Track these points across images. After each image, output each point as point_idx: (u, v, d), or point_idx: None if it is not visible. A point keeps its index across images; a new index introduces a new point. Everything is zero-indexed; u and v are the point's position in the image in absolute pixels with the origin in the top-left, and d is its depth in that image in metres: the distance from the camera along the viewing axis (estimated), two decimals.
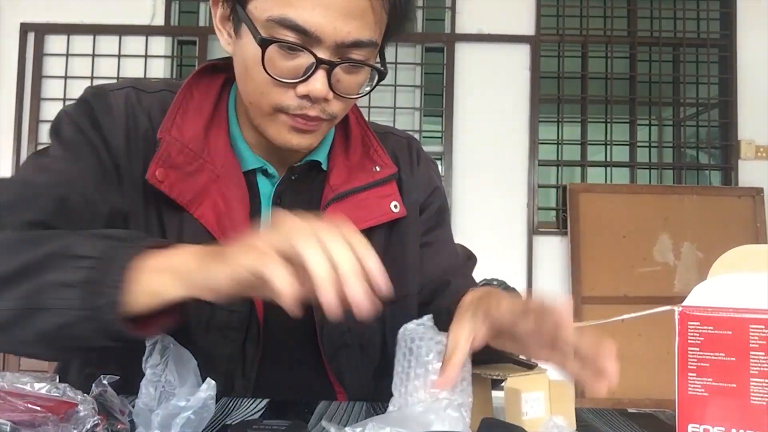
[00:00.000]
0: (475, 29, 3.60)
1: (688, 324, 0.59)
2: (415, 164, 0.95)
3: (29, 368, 2.63)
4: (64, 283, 0.57)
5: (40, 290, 0.57)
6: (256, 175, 0.83)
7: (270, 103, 0.73)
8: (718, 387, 0.58)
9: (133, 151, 0.77)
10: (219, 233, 0.77)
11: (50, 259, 0.58)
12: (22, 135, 3.57)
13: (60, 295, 0.56)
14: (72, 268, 0.57)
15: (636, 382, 3.24)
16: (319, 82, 0.70)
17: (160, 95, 0.82)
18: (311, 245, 0.52)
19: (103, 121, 0.77)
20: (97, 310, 0.56)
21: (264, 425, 0.56)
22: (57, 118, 0.79)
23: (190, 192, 0.76)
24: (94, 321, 0.56)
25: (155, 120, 0.79)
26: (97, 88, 0.80)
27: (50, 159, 0.75)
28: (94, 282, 0.56)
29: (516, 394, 0.63)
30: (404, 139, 0.98)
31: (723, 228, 3.39)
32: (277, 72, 0.70)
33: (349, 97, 0.75)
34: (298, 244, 0.52)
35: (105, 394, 0.63)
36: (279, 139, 0.76)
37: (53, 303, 0.56)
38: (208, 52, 3.67)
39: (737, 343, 0.57)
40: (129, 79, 0.85)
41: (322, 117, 0.74)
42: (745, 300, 0.58)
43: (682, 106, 3.81)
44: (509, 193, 3.56)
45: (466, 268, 0.96)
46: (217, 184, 0.78)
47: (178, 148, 0.76)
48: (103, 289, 0.56)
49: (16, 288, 0.58)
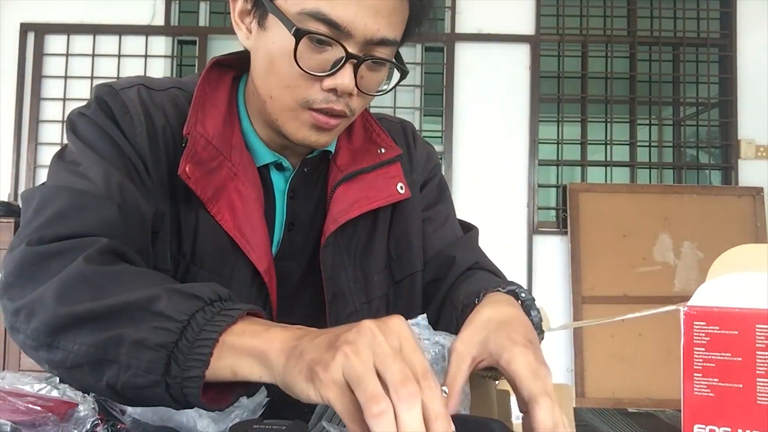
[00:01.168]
0: (475, 29, 3.61)
1: (694, 324, 0.59)
2: (412, 145, 0.96)
3: (29, 368, 2.64)
4: (144, 343, 0.53)
5: (119, 343, 0.54)
6: (269, 170, 0.83)
7: (296, 97, 0.73)
8: (724, 387, 0.58)
9: (155, 149, 0.76)
10: (234, 231, 0.76)
11: (132, 309, 0.55)
12: (22, 135, 3.57)
13: (139, 355, 0.53)
14: (154, 328, 0.53)
15: (636, 382, 3.24)
16: (347, 76, 0.70)
17: (171, 93, 0.81)
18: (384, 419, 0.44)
19: (122, 121, 0.75)
20: (177, 381, 0.53)
21: (264, 425, 0.56)
22: (73, 120, 0.76)
23: (211, 188, 0.76)
24: (172, 389, 0.53)
25: (170, 117, 0.78)
26: (108, 86, 0.78)
27: (84, 166, 0.71)
28: (179, 351, 0.53)
29: (505, 396, 0.62)
30: (398, 124, 0.99)
31: (723, 228, 3.39)
32: (305, 65, 0.70)
33: (369, 93, 0.75)
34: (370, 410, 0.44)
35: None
36: (297, 136, 0.76)
37: (129, 361, 0.54)
38: (208, 51, 3.67)
39: (743, 343, 0.57)
40: (135, 76, 0.83)
41: (346, 112, 0.74)
42: (750, 299, 0.57)
43: (682, 106, 3.81)
44: (509, 193, 3.56)
45: (469, 240, 0.96)
46: (233, 181, 0.77)
47: (203, 144, 0.76)
48: (187, 362, 0.52)
49: (91, 333, 0.56)
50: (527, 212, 3.55)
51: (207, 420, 0.59)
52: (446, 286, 0.87)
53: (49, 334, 0.57)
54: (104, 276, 0.59)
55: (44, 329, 0.57)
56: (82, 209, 0.66)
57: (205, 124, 0.77)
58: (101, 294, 0.57)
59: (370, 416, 0.43)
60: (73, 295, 0.57)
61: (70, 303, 0.57)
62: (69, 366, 0.57)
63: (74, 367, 0.56)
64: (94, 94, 0.77)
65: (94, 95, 0.77)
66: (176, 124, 0.78)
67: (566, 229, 3.47)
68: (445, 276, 0.88)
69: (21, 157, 3.57)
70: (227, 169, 0.77)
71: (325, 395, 0.46)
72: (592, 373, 3.30)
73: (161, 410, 0.62)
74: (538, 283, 3.51)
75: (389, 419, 0.43)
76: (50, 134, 3.59)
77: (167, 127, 0.77)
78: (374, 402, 0.44)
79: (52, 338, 0.57)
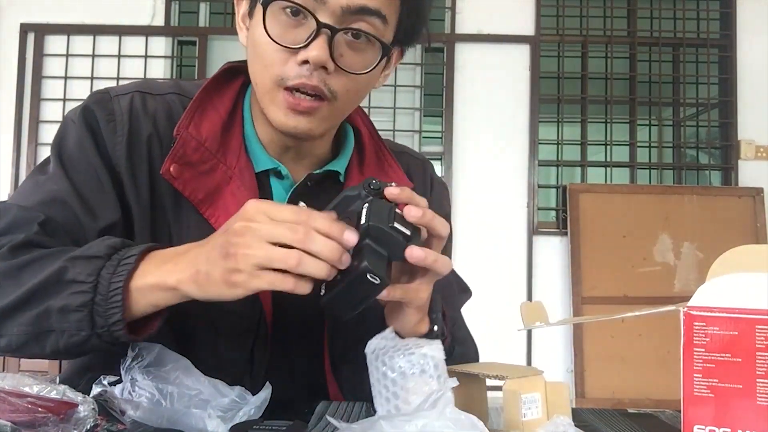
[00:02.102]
0: (475, 29, 3.61)
1: (694, 324, 0.59)
2: (428, 187, 0.95)
3: (29, 369, 2.63)
4: (67, 309, 0.62)
5: (48, 315, 0.63)
6: (269, 178, 0.83)
7: (271, 75, 0.72)
8: (724, 388, 0.58)
9: (135, 157, 0.77)
10: None
11: (48, 285, 0.64)
12: (22, 135, 3.57)
13: (67, 319, 0.63)
14: (71, 294, 0.63)
15: (636, 382, 3.25)
16: (319, 47, 0.69)
17: (167, 98, 0.81)
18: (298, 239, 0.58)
19: (104, 129, 0.77)
20: (105, 330, 0.62)
21: (264, 425, 0.56)
22: (62, 126, 0.80)
23: (203, 191, 0.76)
24: (103, 337, 0.63)
25: (160, 124, 0.79)
26: (102, 93, 0.80)
27: (45, 176, 0.77)
28: (97, 305, 0.62)
29: (515, 396, 0.62)
30: (420, 161, 0.98)
31: (723, 228, 3.39)
32: (279, 38, 0.70)
33: (351, 72, 0.73)
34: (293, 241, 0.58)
35: (105, 394, 0.63)
36: (278, 120, 0.75)
37: (62, 326, 0.63)
38: (208, 52, 3.67)
39: (743, 343, 0.57)
40: (136, 81, 0.84)
41: (323, 90, 0.72)
42: (750, 300, 0.57)
43: (682, 106, 3.81)
44: (509, 193, 3.56)
45: (457, 301, 0.95)
46: (229, 185, 0.77)
47: (194, 146, 0.76)
48: (107, 312, 0.62)
49: (23, 315, 0.65)
50: (527, 213, 3.55)
51: (216, 420, 0.60)
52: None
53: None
54: (19, 266, 0.66)
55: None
56: (17, 225, 0.71)
57: (199, 126, 0.77)
58: (21, 283, 0.65)
59: (296, 269, 0.57)
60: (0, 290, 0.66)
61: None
62: (15, 348, 0.66)
63: (21, 347, 0.66)
64: (86, 100, 0.80)
65: (85, 101, 0.80)
66: (166, 130, 0.78)
67: (566, 229, 3.48)
68: None
69: (21, 157, 3.57)
70: (222, 172, 0.77)
71: (253, 286, 0.58)
72: (592, 373, 3.30)
73: (168, 412, 0.63)
74: (538, 283, 3.51)
75: (308, 260, 0.57)
76: (50, 134, 3.57)
77: (153, 136, 0.78)
78: (288, 260, 0.57)
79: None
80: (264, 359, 0.80)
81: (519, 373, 0.65)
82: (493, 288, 3.27)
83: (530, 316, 0.69)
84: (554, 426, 0.60)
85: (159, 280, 0.63)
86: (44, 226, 0.71)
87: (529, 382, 0.64)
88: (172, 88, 0.83)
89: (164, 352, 0.67)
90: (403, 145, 1.01)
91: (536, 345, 3.48)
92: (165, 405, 0.63)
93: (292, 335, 0.81)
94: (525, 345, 3.47)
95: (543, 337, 3.46)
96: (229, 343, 0.79)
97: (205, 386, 0.65)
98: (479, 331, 0.96)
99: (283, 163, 0.82)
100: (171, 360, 0.67)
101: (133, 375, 0.66)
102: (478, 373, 0.66)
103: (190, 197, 0.76)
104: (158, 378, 0.65)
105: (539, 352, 3.47)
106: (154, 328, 0.67)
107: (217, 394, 0.64)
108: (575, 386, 3.28)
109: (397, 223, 0.61)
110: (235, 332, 0.79)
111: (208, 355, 0.74)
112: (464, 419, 0.50)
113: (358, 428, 0.51)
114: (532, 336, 3.46)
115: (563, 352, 3.42)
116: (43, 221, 0.71)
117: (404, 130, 3.63)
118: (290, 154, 0.83)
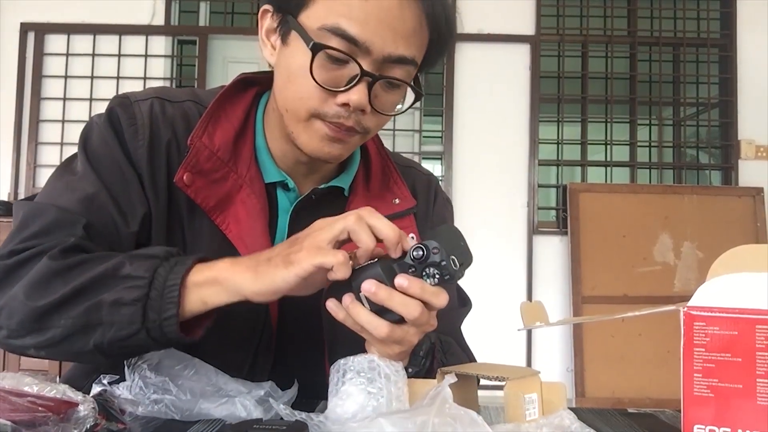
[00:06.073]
0: (475, 29, 3.61)
1: (694, 324, 0.59)
2: (431, 202, 0.96)
3: (29, 368, 2.64)
4: (120, 302, 0.63)
5: (98, 308, 0.64)
6: (276, 189, 0.84)
7: (308, 108, 0.74)
8: (724, 388, 0.58)
9: (155, 161, 0.79)
10: (239, 241, 0.78)
11: (103, 279, 0.65)
12: (22, 134, 3.58)
13: (118, 311, 0.63)
14: (125, 288, 0.64)
15: (636, 382, 3.25)
16: (360, 92, 0.71)
17: (185, 106, 0.83)
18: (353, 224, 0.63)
19: (127, 132, 0.79)
20: (156, 324, 0.63)
21: (264, 425, 0.56)
22: (87, 128, 0.81)
23: (214, 198, 0.78)
24: (152, 332, 0.64)
25: (178, 130, 0.80)
26: (123, 98, 0.81)
27: (75, 177, 0.77)
28: (152, 300, 0.63)
29: (518, 397, 0.63)
30: (425, 177, 0.99)
31: (723, 228, 3.39)
32: (321, 79, 0.72)
33: (384, 113, 0.76)
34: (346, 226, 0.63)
35: (105, 394, 0.63)
36: (310, 146, 0.77)
37: (112, 319, 0.64)
38: (208, 51, 3.68)
39: (743, 343, 0.57)
40: (153, 87, 0.87)
41: (357, 129, 0.75)
42: (750, 300, 0.57)
43: (682, 106, 3.81)
44: (509, 193, 3.56)
45: (457, 314, 0.95)
46: (239, 193, 0.79)
47: (207, 155, 0.78)
48: (161, 306, 0.63)
49: (73, 308, 0.65)
50: (527, 212, 3.55)
51: (254, 404, 0.66)
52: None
53: (36, 320, 0.66)
54: (70, 267, 0.67)
55: (29, 318, 0.66)
56: (60, 227, 0.72)
57: (212, 135, 0.79)
58: (71, 279, 0.66)
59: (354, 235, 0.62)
60: (48, 287, 0.66)
61: (47, 295, 0.65)
62: (58, 340, 0.66)
63: (63, 340, 0.65)
64: (109, 104, 0.81)
65: (109, 105, 0.81)
66: (184, 137, 0.80)
67: (566, 229, 3.48)
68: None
69: (21, 156, 3.58)
70: (233, 181, 0.79)
71: (308, 262, 0.60)
72: (592, 373, 3.30)
73: (187, 404, 0.66)
74: (538, 283, 3.51)
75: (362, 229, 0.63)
76: (50, 134, 3.60)
77: (172, 142, 0.80)
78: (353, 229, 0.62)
79: (40, 323, 0.66)
80: (267, 362, 0.82)
81: (518, 373, 0.65)
82: (493, 288, 3.27)
83: (530, 316, 0.69)
84: (560, 419, 0.60)
85: (215, 274, 0.65)
86: (88, 230, 0.72)
87: (528, 383, 0.64)
88: (189, 95, 0.85)
89: (171, 351, 0.69)
90: (410, 159, 1.02)
91: (536, 345, 3.48)
92: (185, 398, 0.67)
93: (295, 339, 0.82)
94: (525, 345, 3.47)
95: (543, 337, 3.46)
96: (234, 345, 0.79)
97: (228, 382, 0.69)
98: (479, 332, 0.97)
99: (292, 176, 0.84)
100: (180, 359, 0.69)
101: (142, 373, 0.67)
102: (477, 374, 0.66)
103: (202, 204, 0.77)
104: (172, 375, 0.67)
105: (539, 351, 3.47)
106: (201, 329, 0.67)
107: (242, 389, 0.68)
108: (575, 386, 3.29)
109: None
110: (240, 334, 0.80)
111: (212, 356, 0.74)
112: (464, 415, 0.50)
113: (357, 426, 0.51)
114: (532, 336, 3.47)
115: (563, 352, 3.42)
116: (86, 225, 0.72)
117: (404, 129, 3.63)
118: (301, 170, 0.84)
